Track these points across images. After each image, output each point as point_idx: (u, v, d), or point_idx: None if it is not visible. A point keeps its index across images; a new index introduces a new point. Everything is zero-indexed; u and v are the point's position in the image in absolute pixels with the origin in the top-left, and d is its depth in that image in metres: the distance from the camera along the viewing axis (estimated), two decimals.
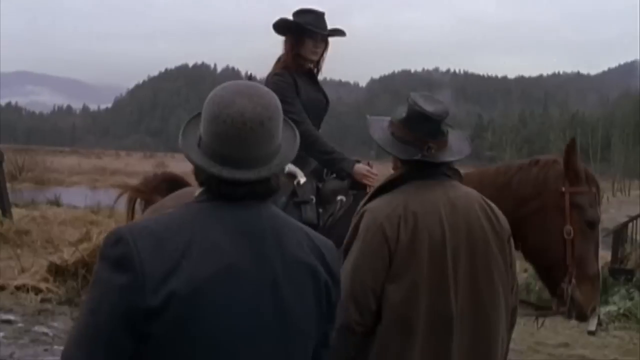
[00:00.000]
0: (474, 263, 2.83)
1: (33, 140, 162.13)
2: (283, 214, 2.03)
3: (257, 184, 1.89)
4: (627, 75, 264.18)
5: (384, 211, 2.83)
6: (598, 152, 76.25)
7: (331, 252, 2.04)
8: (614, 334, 9.55)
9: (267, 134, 1.89)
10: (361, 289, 2.77)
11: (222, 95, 1.91)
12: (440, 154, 2.91)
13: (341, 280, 2.39)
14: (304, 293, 1.91)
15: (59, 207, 20.56)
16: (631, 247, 14.91)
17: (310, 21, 4.47)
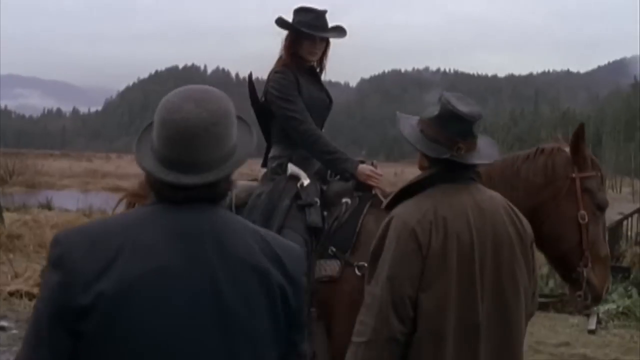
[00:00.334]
0: (499, 268, 2.80)
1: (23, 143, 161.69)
2: (236, 218, 2.03)
3: (203, 188, 1.89)
4: (616, 72, 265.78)
5: (414, 216, 2.77)
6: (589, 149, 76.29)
7: (292, 256, 2.00)
8: (614, 332, 9.52)
9: (213, 139, 1.89)
10: (400, 299, 2.72)
11: (172, 101, 1.93)
12: (469, 155, 2.87)
13: (377, 292, 2.60)
14: (250, 296, 1.88)
15: (50, 211, 20.39)
16: (626, 244, 14.95)
17: (308, 21, 4.35)
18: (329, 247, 4.02)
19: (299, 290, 2.00)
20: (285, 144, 4.41)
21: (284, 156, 4.40)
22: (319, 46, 4.43)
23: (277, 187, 4.24)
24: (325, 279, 3.98)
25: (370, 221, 4.06)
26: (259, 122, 4.56)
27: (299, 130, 4.29)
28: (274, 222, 4.07)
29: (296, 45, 4.41)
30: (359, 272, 3.86)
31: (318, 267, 4.01)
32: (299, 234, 4.00)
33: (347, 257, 3.98)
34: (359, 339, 2.78)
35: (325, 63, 4.62)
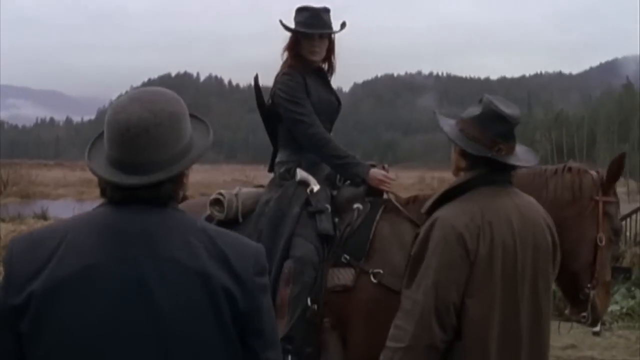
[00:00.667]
0: (536, 276, 2.76)
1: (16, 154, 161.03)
2: (182, 219, 1.96)
3: (146, 189, 1.88)
4: (608, 73, 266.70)
5: (461, 220, 2.70)
6: (584, 150, 76.57)
7: (242, 255, 1.94)
8: (619, 333, 9.46)
9: (155, 141, 1.87)
10: (444, 306, 2.65)
11: (119, 102, 1.93)
12: (509, 157, 2.82)
13: (419, 297, 2.62)
14: (187, 298, 1.83)
15: (46, 221, 20.27)
16: (625, 245, 14.94)
17: (304, 20, 4.27)
18: (342, 255, 3.92)
19: (250, 292, 1.91)
20: (293, 148, 4.32)
21: (292, 161, 4.31)
22: (318, 44, 4.33)
23: (286, 193, 4.14)
24: (339, 289, 3.88)
25: (385, 227, 3.99)
26: (265, 126, 4.49)
27: (308, 134, 4.20)
28: (283, 230, 3.98)
29: (296, 46, 4.34)
30: (375, 280, 3.80)
31: (331, 276, 3.90)
32: (310, 242, 3.92)
33: (361, 264, 3.88)
34: (396, 344, 2.72)
35: (334, 62, 4.51)
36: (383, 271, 3.82)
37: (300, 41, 4.32)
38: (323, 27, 4.30)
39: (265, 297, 1.97)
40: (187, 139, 1.96)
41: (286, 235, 3.96)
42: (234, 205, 4.19)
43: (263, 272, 1.98)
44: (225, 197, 4.18)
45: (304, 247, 3.90)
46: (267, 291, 2.00)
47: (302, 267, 3.84)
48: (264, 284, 1.98)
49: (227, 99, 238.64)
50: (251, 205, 4.23)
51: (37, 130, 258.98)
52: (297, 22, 4.30)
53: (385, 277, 3.80)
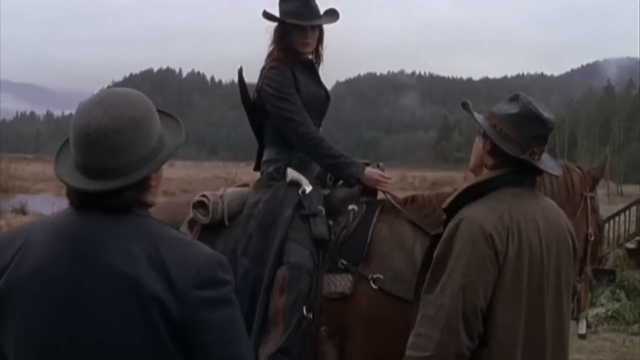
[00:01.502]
0: (559, 281, 2.66)
1: None
2: (135, 225, 1.91)
3: (105, 194, 1.87)
4: (589, 75, 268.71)
5: (489, 220, 2.56)
6: (565, 151, 77.07)
7: (184, 265, 1.85)
8: (605, 336, 9.49)
9: (114, 147, 1.85)
10: (472, 310, 2.50)
11: (84, 104, 1.91)
12: (539, 163, 2.70)
13: (445, 302, 2.49)
14: (117, 305, 1.81)
15: (25, 215, 20.09)
16: (608, 247, 15.01)
17: (294, 10, 4.02)
18: (338, 260, 3.74)
19: (187, 304, 1.82)
20: (281, 146, 4.10)
21: (280, 159, 4.09)
22: (311, 35, 4.10)
23: (277, 194, 3.94)
24: (336, 296, 3.70)
25: (383, 229, 3.82)
26: (250, 122, 4.28)
27: (298, 132, 3.99)
28: (275, 234, 3.79)
29: (286, 38, 4.09)
30: (375, 286, 3.64)
31: (327, 283, 3.71)
32: (305, 247, 3.73)
33: (360, 270, 3.71)
34: (420, 353, 2.54)
35: (322, 52, 4.29)
36: (384, 276, 3.66)
37: (290, 33, 4.08)
38: (316, 16, 4.09)
39: (211, 311, 1.86)
40: (153, 143, 1.92)
41: (278, 239, 3.77)
42: (220, 208, 3.97)
43: (208, 285, 1.87)
44: (210, 199, 3.96)
45: (298, 252, 3.71)
46: (218, 305, 1.88)
47: (297, 274, 3.66)
48: (209, 297, 1.86)
49: (210, 95, 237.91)
50: (237, 207, 4.03)
51: (17, 123, 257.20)
52: (285, 12, 4.06)
53: (387, 283, 3.65)
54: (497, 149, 2.70)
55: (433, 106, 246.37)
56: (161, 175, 2.02)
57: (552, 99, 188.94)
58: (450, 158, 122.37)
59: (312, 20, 4.07)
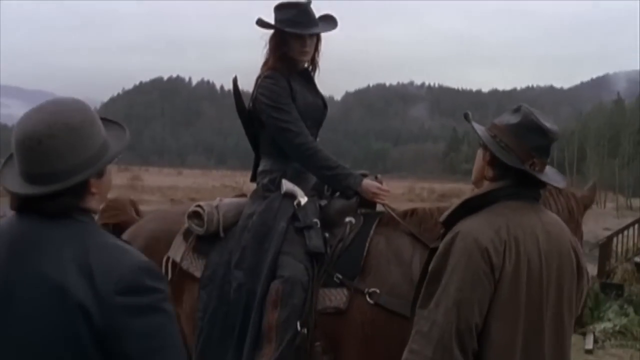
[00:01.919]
0: (560, 299, 2.56)
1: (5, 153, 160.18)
2: (73, 230, 1.92)
3: (38, 199, 1.90)
4: (599, 88, 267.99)
5: (486, 233, 2.47)
6: (574, 164, 77.02)
7: (109, 272, 1.84)
8: (612, 352, 9.37)
9: (48, 153, 1.88)
10: (467, 327, 2.41)
11: (25, 113, 1.96)
12: (541, 175, 2.62)
13: (438, 318, 2.41)
14: (41, 310, 1.81)
15: None
16: (616, 261, 14.91)
17: (291, 17, 3.92)
18: (334, 274, 3.64)
19: (108, 311, 1.81)
20: (277, 156, 4.01)
21: (275, 170, 4.00)
22: (309, 44, 4.01)
23: (271, 206, 3.85)
24: (331, 311, 3.59)
25: (380, 242, 3.72)
26: (246, 132, 4.18)
27: (294, 143, 3.90)
28: (269, 247, 3.69)
29: (283, 47, 3.99)
30: (371, 300, 3.54)
31: (322, 297, 3.61)
32: (299, 261, 3.63)
33: (355, 284, 3.60)
34: None
35: (318, 60, 4.18)
36: (380, 291, 3.56)
37: (288, 41, 3.98)
38: (314, 24, 3.99)
39: (134, 318, 1.83)
40: (92, 150, 1.94)
41: (272, 252, 3.68)
42: (215, 219, 3.90)
43: (131, 292, 1.84)
44: (205, 210, 3.89)
45: (292, 266, 3.62)
46: (142, 313, 1.85)
47: (290, 288, 3.56)
48: (132, 304, 1.84)
49: (219, 104, 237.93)
50: (233, 218, 3.95)
51: None
52: (282, 20, 3.96)
53: (383, 297, 3.54)
54: (496, 159, 2.63)
55: (442, 118, 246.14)
56: (106, 182, 2.03)
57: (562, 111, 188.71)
58: (459, 170, 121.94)
59: (310, 29, 3.97)
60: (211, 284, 3.81)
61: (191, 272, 3.90)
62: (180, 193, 43.85)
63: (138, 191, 60.82)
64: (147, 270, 1.90)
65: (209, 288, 3.81)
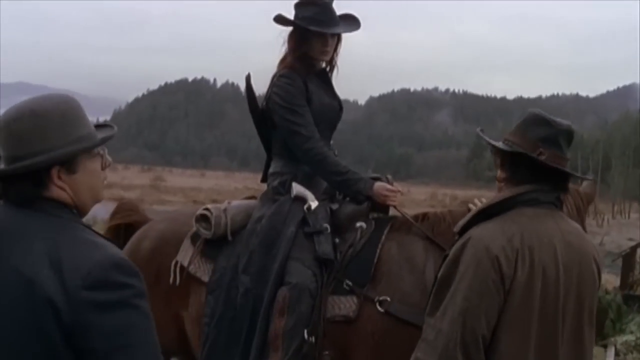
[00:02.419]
0: (581, 312, 2.46)
1: None
2: (44, 222, 1.91)
3: (5, 186, 1.94)
4: (625, 97, 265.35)
5: (497, 241, 2.39)
6: (598, 173, 76.32)
7: (77, 267, 1.80)
8: None
9: (11, 135, 1.92)
10: (473, 338, 2.33)
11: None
12: (549, 162, 2.53)
13: (444, 327, 2.34)
14: (11, 303, 1.79)
15: None
16: (639, 272, 14.72)
17: (313, 16, 3.80)
18: (343, 281, 3.54)
19: (75, 305, 1.77)
20: (288, 158, 3.92)
21: (286, 172, 3.92)
22: (330, 43, 3.90)
23: (281, 210, 3.76)
24: (340, 319, 3.50)
25: (392, 248, 3.62)
26: (258, 131, 4.10)
27: (304, 148, 3.81)
28: (277, 252, 3.61)
29: (304, 46, 3.88)
30: (382, 309, 3.44)
31: (331, 305, 3.52)
32: (308, 267, 3.55)
33: (365, 291, 3.51)
34: None
35: (336, 60, 4.07)
36: (391, 298, 3.46)
37: (309, 40, 3.87)
38: (335, 23, 3.88)
39: (102, 314, 1.79)
40: (56, 140, 1.93)
41: (280, 258, 3.59)
42: (222, 222, 3.83)
43: (100, 287, 1.80)
44: (212, 212, 3.83)
45: (300, 272, 3.54)
46: (110, 309, 1.80)
47: (298, 295, 3.48)
48: (100, 300, 1.79)
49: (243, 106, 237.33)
50: (242, 221, 3.87)
51: None
52: (303, 18, 3.84)
53: (394, 306, 3.45)
54: (506, 159, 2.58)
55: (466, 124, 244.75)
56: (82, 180, 2.00)
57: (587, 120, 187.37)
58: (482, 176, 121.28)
59: (333, 28, 3.87)
60: (218, 288, 3.74)
61: (198, 276, 3.83)
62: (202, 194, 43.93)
63: (161, 192, 61.08)
64: (117, 265, 1.85)
65: (216, 293, 3.74)
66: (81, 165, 1.99)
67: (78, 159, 1.98)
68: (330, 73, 4.12)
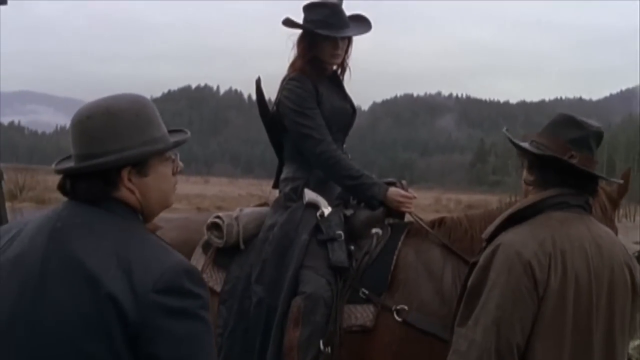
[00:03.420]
0: (612, 318, 2.38)
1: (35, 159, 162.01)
2: (111, 221, 1.89)
3: (74, 185, 1.92)
4: (629, 100, 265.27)
5: (529, 246, 2.32)
6: None
7: (146, 271, 1.78)
8: None
9: (83, 132, 1.90)
10: (507, 347, 2.26)
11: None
12: (583, 167, 2.45)
13: (477, 337, 2.28)
14: (75, 298, 1.77)
15: None
16: None
17: (324, 19, 3.72)
18: (359, 289, 3.44)
19: (143, 308, 1.74)
20: (300, 162, 3.84)
21: (298, 178, 3.83)
22: (341, 46, 3.82)
23: (293, 217, 3.67)
24: (357, 329, 3.40)
25: (409, 254, 3.52)
26: (269, 137, 4.00)
27: (316, 151, 3.72)
28: (290, 261, 3.51)
29: (314, 49, 3.80)
30: (399, 318, 3.34)
31: (347, 314, 3.42)
32: (322, 276, 3.45)
33: (382, 300, 3.41)
34: None
35: (348, 62, 3.98)
36: (409, 307, 3.37)
37: (319, 44, 3.79)
38: (346, 25, 3.80)
39: (170, 320, 1.76)
40: (129, 140, 1.89)
41: (293, 267, 3.50)
42: (234, 231, 3.74)
43: (170, 292, 1.78)
44: (224, 221, 3.74)
45: (314, 281, 3.44)
46: (179, 316, 1.78)
47: (312, 305, 3.38)
48: (169, 305, 1.77)
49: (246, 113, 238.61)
50: (254, 229, 3.78)
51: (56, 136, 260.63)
52: (313, 21, 3.77)
53: (412, 315, 3.36)
54: (534, 162, 2.50)
55: (469, 128, 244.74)
56: (152, 184, 1.97)
57: None
58: (486, 181, 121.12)
59: (343, 31, 3.79)
60: (231, 298, 3.66)
61: (211, 285, 3.69)
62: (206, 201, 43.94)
63: None
64: (188, 273, 1.83)
65: (229, 303, 3.66)
66: (152, 168, 1.96)
67: (150, 162, 1.95)
68: (342, 76, 4.04)
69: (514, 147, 2.59)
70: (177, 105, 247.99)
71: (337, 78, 4.03)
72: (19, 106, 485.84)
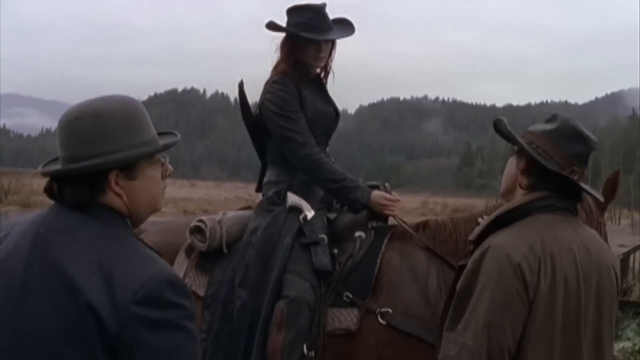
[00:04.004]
0: (600, 321, 2.38)
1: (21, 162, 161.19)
2: (96, 227, 1.84)
3: (60, 188, 1.87)
4: (614, 104, 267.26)
5: (519, 249, 2.29)
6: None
7: (127, 281, 1.73)
8: None
9: (71, 134, 1.86)
10: (499, 352, 2.24)
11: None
12: (581, 183, 2.45)
13: (467, 341, 2.26)
14: (56, 309, 1.73)
15: None
16: (633, 278, 14.66)
17: (307, 22, 3.72)
18: (343, 293, 3.44)
19: (123, 319, 1.70)
20: (283, 166, 3.83)
21: (281, 182, 3.82)
22: (324, 49, 3.81)
23: (276, 221, 3.66)
24: (341, 332, 3.39)
25: (393, 257, 3.52)
26: (252, 140, 3.99)
27: (299, 155, 3.71)
28: (273, 265, 3.50)
29: (297, 52, 3.80)
30: (383, 321, 3.34)
31: (331, 318, 3.41)
32: (305, 279, 3.44)
33: (366, 303, 3.40)
34: None
35: (331, 66, 3.98)
36: (393, 310, 3.37)
37: (302, 47, 3.79)
38: (329, 28, 3.80)
39: (150, 332, 1.72)
40: (117, 143, 1.85)
41: (277, 271, 3.49)
42: (217, 235, 3.73)
43: (150, 303, 1.73)
44: (207, 225, 3.72)
45: (297, 285, 3.43)
46: (160, 328, 1.73)
47: (296, 309, 3.38)
48: (149, 317, 1.72)
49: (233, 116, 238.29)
50: (237, 233, 3.77)
51: (42, 139, 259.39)
52: (296, 24, 3.76)
53: (396, 318, 3.35)
54: (533, 167, 2.47)
55: (456, 132, 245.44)
56: (140, 188, 1.93)
57: None
58: (472, 185, 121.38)
59: (327, 34, 3.79)
60: (214, 303, 3.65)
61: (194, 290, 3.67)
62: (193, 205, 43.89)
63: None
64: (170, 283, 1.77)
65: (213, 307, 3.64)
66: (141, 171, 1.92)
67: (138, 165, 1.91)
68: (325, 79, 4.04)
69: (520, 149, 2.54)
70: (163, 108, 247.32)
71: (321, 81, 4.02)
72: (5, 109, 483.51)
